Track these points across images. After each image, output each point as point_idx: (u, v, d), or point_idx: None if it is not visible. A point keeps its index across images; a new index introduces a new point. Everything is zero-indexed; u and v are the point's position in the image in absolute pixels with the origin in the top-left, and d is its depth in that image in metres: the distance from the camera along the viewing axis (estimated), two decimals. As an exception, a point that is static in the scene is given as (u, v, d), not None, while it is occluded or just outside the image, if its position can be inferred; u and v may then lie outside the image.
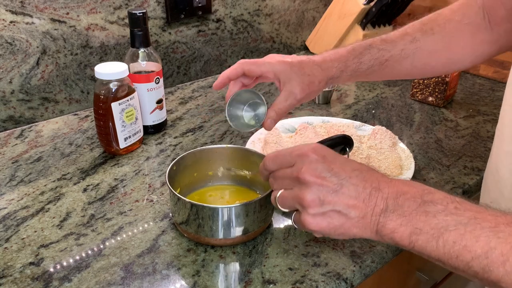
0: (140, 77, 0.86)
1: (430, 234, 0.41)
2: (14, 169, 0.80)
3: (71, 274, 0.58)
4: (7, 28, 0.89)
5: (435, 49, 0.69)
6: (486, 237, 0.39)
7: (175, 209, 0.63)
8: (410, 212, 0.42)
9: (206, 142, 0.90)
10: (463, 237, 0.39)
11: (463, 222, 0.40)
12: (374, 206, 0.44)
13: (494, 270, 0.38)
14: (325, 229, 0.46)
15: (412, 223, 0.42)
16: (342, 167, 0.46)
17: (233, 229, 0.60)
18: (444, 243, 0.40)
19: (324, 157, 0.46)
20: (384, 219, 0.44)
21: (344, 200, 0.45)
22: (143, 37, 0.85)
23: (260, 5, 1.28)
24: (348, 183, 0.45)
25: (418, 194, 0.43)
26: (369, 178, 0.45)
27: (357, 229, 0.45)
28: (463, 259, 0.39)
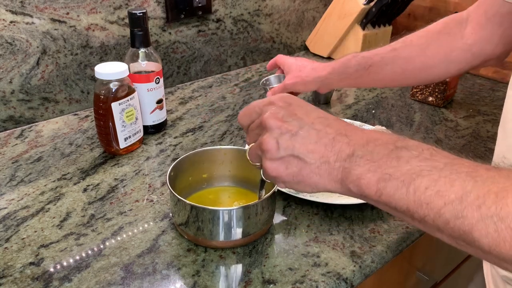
0: (140, 77, 0.86)
1: (400, 180, 0.37)
2: (14, 169, 0.80)
3: (71, 274, 0.58)
4: (7, 28, 0.89)
5: (410, 55, 0.77)
6: (462, 181, 0.35)
7: (175, 210, 0.63)
8: (381, 157, 0.39)
9: (206, 142, 0.90)
10: (436, 182, 0.35)
11: (438, 167, 0.36)
12: (338, 151, 0.41)
13: (468, 215, 0.34)
14: (283, 175, 0.43)
15: (381, 169, 0.38)
16: (307, 113, 0.44)
17: (234, 232, 0.60)
18: (415, 189, 0.36)
19: (290, 104, 0.45)
20: (350, 164, 0.40)
21: (303, 144, 0.42)
22: (143, 37, 0.85)
23: (260, 5, 1.28)
24: (310, 127, 0.42)
25: (390, 140, 0.40)
26: (335, 125, 0.42)
27: (318, 176, 0.42)
28: (434, 206, 0.35)
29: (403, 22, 1.43)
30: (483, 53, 0.72)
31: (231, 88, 1.16)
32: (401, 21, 1.42)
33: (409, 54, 0.77)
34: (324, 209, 0.71)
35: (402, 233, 0.66)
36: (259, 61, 1.35)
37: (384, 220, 0.69)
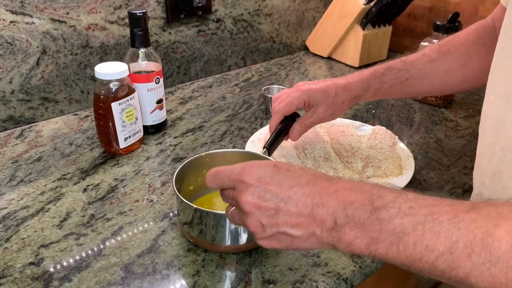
0: (140, 77, 0.86)
1: (388, 241, 0.38)
2: (14, 169, 0.80)
3: (71, 274, 0.58)
4: (7, 28, 0.89)
5: (451, 68, 0.74)
6: (447, 231, 0.36)
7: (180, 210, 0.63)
8: (363, 223, 0.40)
9: (206, 142, 0.90)
10: (423, 237, 0.37)
11: (420, 221, 0.37)
12: (321, 223, 0.41)
13: (461, 265, 0.35)
14: (278, 247, 0.45)
15: (367, 234, 0.39)
16: (280, 186, 0.43)
17: (240, 237, 0.60)
18: (404, 247, 0.38)
19: (260, 179, 0.44)
20: (337, 233, 0.41)
21: (286, 220, 0.42)
22: (143, 37, 0.85)
23: (260, 5, 1.28)
24: (288, 203, 0.42)
25: (367, 201, 0.40)
26: (310, 192, 0.42)
27: (310, 244, 0.43)
28: (427, 260, 0.37)
29: (403, 22, 1.43)
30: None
31: (231, 88, 1.17)
32: (401, 21, 1.42)
33: (449, 66, 0.74)
34: (324, 209, 0.71)
35: (402, 233, 0.66)
36: (259, 61, 1.35)
37: (384, 220, 0.69)
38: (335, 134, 0.88)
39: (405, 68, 0.75)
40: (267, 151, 0.73)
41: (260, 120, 0.99)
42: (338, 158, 0.81)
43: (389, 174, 0.77)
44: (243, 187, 0.44)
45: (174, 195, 0.73)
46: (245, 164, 0.45)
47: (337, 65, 1.33)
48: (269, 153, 0.74)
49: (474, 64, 0.73)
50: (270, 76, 1.24)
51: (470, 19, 1.25)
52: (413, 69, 0.74)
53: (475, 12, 1.25)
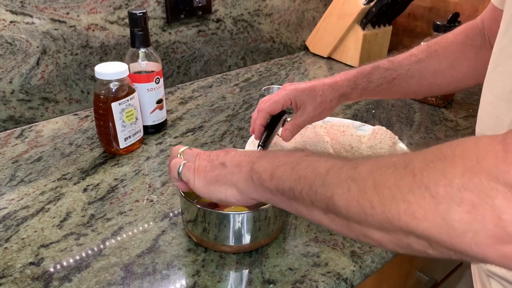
0: (140, 77, 0.86)
1: (289, 165, 0.45)
2: (14, 169, 0.80)
3: (71, 274, 0.58)
4: (7, 28, 0.89)
5: (439, 69, 0.74)
6: (334, 160, 0.41)
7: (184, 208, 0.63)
8: (278, 156, 0.47)
9: (206, 142, 0.90)
10: (314, 163, 0.43)
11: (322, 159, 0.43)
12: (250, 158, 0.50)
13: (331, 183, 0.39)
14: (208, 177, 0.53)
15: (277, 160, 0.47)
16: (218, 154, 0.54)
17: (243, 237, 0.60)
18: (298, 170, 0.43)
19: (209, 153, 0.55)
20: (256, 160, 0.49)
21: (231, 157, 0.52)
22: (143, 37, 0.85)
23: (260, 5, 1.28)
24: (236, 153, 0.53)
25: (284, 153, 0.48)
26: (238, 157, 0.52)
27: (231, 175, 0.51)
28: (308, 179, 0.42)
29: (403, 22, 1.43)
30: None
31: (231, 88, 1.17)
32: (401, 21, 1.42)
33: (438, 67, 0.74)
34: (324, 209, 0.71)
35: (402, 233, 0.66)
36: (259, 61, 1.35)
37: (384, 220, 0.69)
38: (335, 134, 0.88)
39: (392, 67, 0.74)
40: (262, 148, 0.73)
41: (260, 120, 0.99)
42: (338, 158, 0.81)
43: (389, 174, 0.76)
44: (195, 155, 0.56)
45: (174, 195, 0.73)
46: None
47: (337, 65, 1.33)
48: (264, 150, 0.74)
49: (462, 65, 0.73)
50: (270, 76, 1.24)
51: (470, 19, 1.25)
52: (400, 68, 0.74)
53: (475, 12, 1.25)
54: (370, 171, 0.37)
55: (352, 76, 0.75)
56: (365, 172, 0.37)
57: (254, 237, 0.60)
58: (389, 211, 0.34)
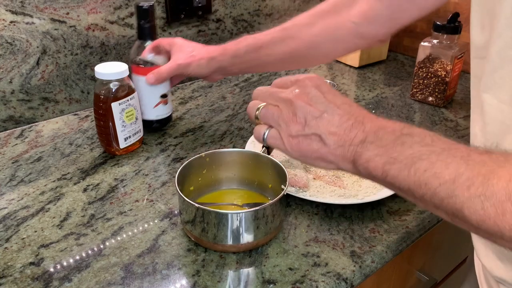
0: (144, 70, 0.85)
1: (403, 163, 0.42)
2: (14, 169, 0.80)
3: (71, 274, 0.58)
4: (7, 28, 0.89)
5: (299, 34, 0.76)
6: (456, 164, 0.39)
7: (183, 209, 0.63)
8: (387, 143, 0.44)
9: (206, 142, 0.90)
10: (434, 165, 0.40)
11: (436, 152, 0.41)
12: (353, 137, 0.46)
13: (459, 195, 0.38)
14: (304, 150, 0.49)
15: (388, 153, 0.43)
16: (334, 98, 0.49)
17: (242, 236, 0.60)
18: (415, 171, 0.41)
19: (319, 86, 0.49)
20: (361, 149, 0.45)
21: (326, 126, 0.47)
22: (150, 29, 0.85)
23: (260, 5, 1.28)
24: (334, 112, 0.48)
25: (398, 128, 0.45)
26: (355, 112, 0.48)
27: (333, 157, 0.47)
28: (431, 186, 0.40)
29: (403, 22, 1.42)
30: (369, 35, 0.72)
31: (231, 88, 1.17)
32: (401, 21, 1.42)
33: (297, 32, 0.76)
34: (324, 209, 0.71)
35: (402, 233, 0.66)
36: (259, 61, 1.35)
37: (384, 220, 0.69)
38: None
39: (258, 37, 0.77)
40: (266, 150, 0.73)
41: (260, 120, 0.99)
42: (338, 158, 0.81)
43: (389, 174, 0.77)
44: (301, 87, 0.50)
45: (174, 195, 0.73)
46: (306, 74, 0.52)
47: (337, 65, 1.33)
48: (268, 151, 0.74)
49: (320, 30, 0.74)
50: (270, 76, 1.24)
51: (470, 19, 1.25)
52: (265, 36, 0.77)
53: (475, 12, 1.25)
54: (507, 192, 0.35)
55: (225, 45, 0.80)
56: (502, 192, 0.35)
57: (253, 235, 0.60)
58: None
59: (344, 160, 0.47)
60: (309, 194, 0.72)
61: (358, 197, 0.71)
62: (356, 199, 0.71)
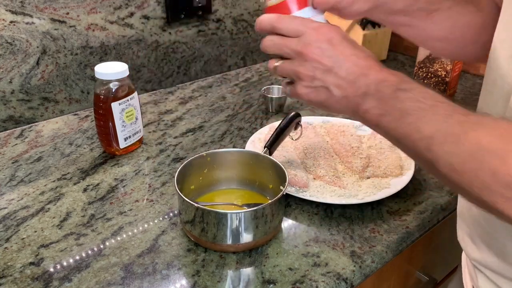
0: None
1: (393, 116, 0.47)
2: (14, 169, 0.80)
3: (71, 274, 0.58)
4: (7, 28, 0.89)
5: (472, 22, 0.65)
6: (436, 121, 0.44)
7: (182, 208, 0.63)
8: (384, 96, 0.48)
9: (206, 142, 0.90)
10: (418, 120, 0.45)
11: (423, 108, 0.45)
12: (357, 89, 0.49)
13: (434, 149, 0.43)
14: (313, 100, 0.53)
15: (382, 106, 0.48)
16: (343, 50, 0.50)
17: (241, 236, 0.60)
18: (402, 124, 0.46)
19: (331, 38, 0.51)
20: (362, 100, 0.49)
21: (333, 79, 0.50)
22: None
23: (260, 5, 1.28)
24: (342, 65, 0.50)
25: (396, 82, 0.48)
26: (362, 63, 0.50)
27: (339, 106, 0.51)
28: (413, 139, 0.45)
29: (403, 22, 1.42)
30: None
31: (231, 88, 1.17)
32: (401, 21, 1.42)
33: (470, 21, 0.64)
34: (324, 209, 0.71)
35: (402, 233, 0.66)
36: (259, 61, 1.35)
37: (384, 220, 0.69)
38: (335, 134, 0.88)
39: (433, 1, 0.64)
40: (268, 150, 0.74)
41: (260, 120, 0.99)
42: (338, 158, 0.81)
43: (389, 174, 0.77)
44: (313, 38, 0.51)
45: (174, 195, 0.73)
46: (320, 23, 0.52)
47: (337, 65, 1.33)
48: (270, 152, 0.74)
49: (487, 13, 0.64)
50: (270, 76, 1.24)
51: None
52: (441, 5, 0.64)
53: (475, 12, 1.25)
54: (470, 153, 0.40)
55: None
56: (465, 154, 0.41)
57: (252, 235, 0.60)
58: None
59: (347, 109, 0.51)
60: (309, 194, 0.72)
61: (358, 197, 0.71)
62: (356, 199, 0.71)
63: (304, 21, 0.52)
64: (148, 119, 0.98)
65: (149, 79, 1.13)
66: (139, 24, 1.06)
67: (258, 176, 0.71)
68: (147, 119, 0.98)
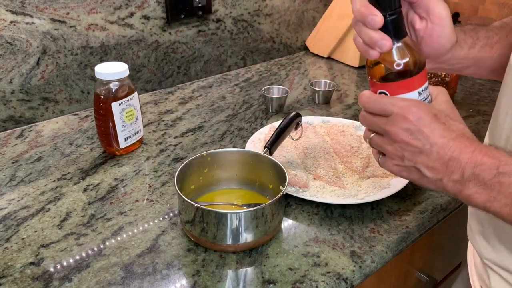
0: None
1: (503, 202, 0.45)
2: (14, 169, 0.80)
3: (71, 274, 0.58)
4: (7, 28, 0.89)
5: None
6: None
7: (182, 208, 0.63)
8: (485, 182, 0.46)
9: (206, 142, 0.90)
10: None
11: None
12: (450, 174, 0.48)
13: None
14: (406, 178, 0.53)
15: (487, 192, 0.46)
16: (432, 132, 0.49)
17: (241, 236, 0.60)
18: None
19: (420, 119, 0.50)
20: (460, 186, 0.48)
21: (424, 161, 0.49)
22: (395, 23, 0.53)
23: (260, 5, 1.28)
24: (431, 147, 0.49)
25: (494, 165, 0.46)
26: (452, 147, 0.49)
27: (435, 187, 0.51)
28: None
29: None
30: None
31: (231, 88, 1.17)
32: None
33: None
34: (324, 209, 0.71)
35: (402, 233, 0.66)
36: (259, 61, 1.35)
37: (384, 220, 0.69)
38: (335, 134, 0.88)
39: (492, 30, 0.65)
40: (268, 150, 0.74)
41: (260, 120, 0.99)
42: (338, 158, 0.81)
43: (389, 174, 0.77)
44: (400, 119, 0.50)
45: (174, 194, 0.73)
46: (410, 102, 0.50)
47: (337, 65, 1.33)
48: (270, 152, 0.74)
49: None
50: (270, 76, 1.24)
51: (470, 19, 1.25)
52: (500, 32, 0.64)
53: (475, 12, 1.25)
54: None
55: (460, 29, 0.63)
56: None
57: (252, 235, 0.60)
58: None
59: (445, 191, 0.50)
60: (309, 194, 0.72)
61: (358, 197, 0.71)
62: (356, 199, 0.71)
63: (392, 100, 0.51)
64: (148, 119, 0.98)
65: (149, 79, 1.13)
66: (139, 24, 1.06)
67: (258, 176, 0.71)
68: (147, 119, 0.98)
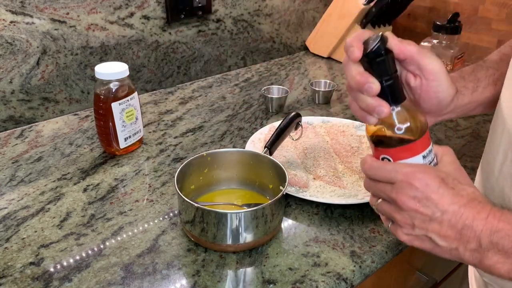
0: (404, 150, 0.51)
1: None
2: (14, 169, 0.80)
3: (71, 274, 0.58)
4: (7, 28, 0.89)
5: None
6: None
7: (182, 208, 0.63)
8: (506, 251, 0.44)
9: (206, 142, 0.90)
10: None
11: None
12: (466, 243, 0.46)
13: None
14: (417, 246, 0.50)
15: (510, 261, 0.44)
16: (441, 198, 0.46)
17: (241, 236, 0.60)
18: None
19: (427, 186, 0.46)
20: (479, 255, 0.45)
21: (436, 229, 0.47)
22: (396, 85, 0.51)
23: (260, 5, 1.28)
24: (442, 215, 0.46)
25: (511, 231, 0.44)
26: (464, 213, 0.46)
27: (451, 256, 0.48)
28: None
29: (403, 22, 1.43)
30: None
31: (231, 88, 1.17)
32: (401, 21, 1.42)
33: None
34: (324, 209, 0.71)
35: (402, 233, 0.66)
36: (259, 61, 1.35)
37: (384, 220, 0.69)
38: (335, 134, 0.88)
39: (492, 66, 0.64)
40: (268, 150, 0.74)
41: (260, 120, 0.99)
42: (338, 158, 0.81)
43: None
44: (406, 187, 0.47)
45: (174, 194, 0.73)
46: (414, 167, 0.47)
47: (337, 65, 1.33)
48: (270, 152, 0.74)
49: None
50: (270, 76, 1.24)
51: (470, 19, 1.25)
52: (500, 68, 0.63)
53: (475, 12, 1.25)
54: None
55: (457, 75, 0.63)
56: None
57: (252, 235, 0.60)
58: None
59: (461, 260, 0.48)
60: (309, 194, 0.72)
61: (358, 197, 0.71)
62: (356, 199, 0.71)
63: (396, 166, 0.48)
64: (148, 119, 0.98)
65: (149, 79, 1.13)
66: (139, 24, 1.06)
67: (258, 176, 0.71)
68: (147, 119, 0.98)
